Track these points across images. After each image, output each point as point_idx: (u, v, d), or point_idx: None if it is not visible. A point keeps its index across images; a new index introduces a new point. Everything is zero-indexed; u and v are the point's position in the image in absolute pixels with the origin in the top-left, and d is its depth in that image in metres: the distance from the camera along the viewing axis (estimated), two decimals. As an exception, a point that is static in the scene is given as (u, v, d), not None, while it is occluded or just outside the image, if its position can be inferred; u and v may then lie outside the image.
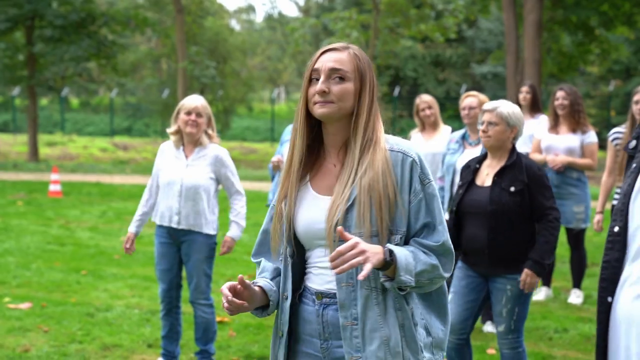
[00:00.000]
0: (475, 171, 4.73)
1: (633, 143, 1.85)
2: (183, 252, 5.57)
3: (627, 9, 24.35)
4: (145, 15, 25.50)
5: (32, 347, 6.11)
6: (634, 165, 1.81)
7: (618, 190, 6.25)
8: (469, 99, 6.58)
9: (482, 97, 6.63)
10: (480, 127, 4.68)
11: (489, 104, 4.69)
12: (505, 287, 4.59)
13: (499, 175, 4.59)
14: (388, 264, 2.42)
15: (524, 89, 8.36)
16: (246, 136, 38.89)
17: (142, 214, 5.67)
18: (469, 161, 4.84)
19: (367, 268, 2.33)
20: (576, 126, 7.34)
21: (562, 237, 8.35)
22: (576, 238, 7.52)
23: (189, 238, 5.52)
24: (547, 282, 7.70)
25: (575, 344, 6.27)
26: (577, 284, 7.63)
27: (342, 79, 2.55)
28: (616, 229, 1.82)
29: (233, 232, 5.60)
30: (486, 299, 4.82)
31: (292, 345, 2.68)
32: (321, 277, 2.60)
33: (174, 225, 5.50)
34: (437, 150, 7.43)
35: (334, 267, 2.35)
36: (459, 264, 4.78)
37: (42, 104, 44.13)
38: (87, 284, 8.30)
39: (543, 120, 7.87)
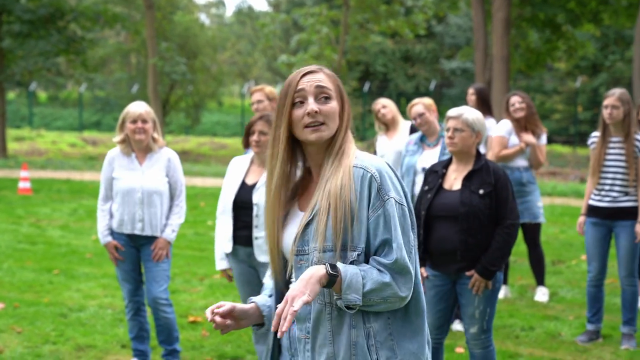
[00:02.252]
0: (442, 176, 4.85)
1: None
2: (143, 254, 5.65)
3: (593, 6, 24.68)
4: (115, 11, 25.37)
5: (6, 349, 6.15)
6: None
7: (594, 192, 6.41)
8: (416, 107, 6.71)
9: (427, 101, 6.76)
10: (446, 134, 4.81)
11: (453, 111, 4.82)
12: None
13: (468, 179, 4.72)
14: (333, 278, 2.41)
15: (470, 91, 8.51)
16: (216, 131, 38.84)
17: (109, 224, 5.71)
18: (434, 166, 4.97)
19: (298, 304, 2.33)
20: (534, 129, 7.53)
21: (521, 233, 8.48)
22: (534, 234, 7.67)
23: (148, 242, 5.63)
24: (504, 280, 7.85)
25: (541, 342, 6.42)
26: (540, 281, 7.79)
27: (327, 98, 2.58)
28: None
29: (167, 234, 5.64)
30: (455, 304, 4.96)
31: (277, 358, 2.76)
32: None
33: (137, 232, 5.58)
34: (400, 148, 7.56)
35: (275, 331, 2.37)
36: (428, 272, 4.90)
37: (10, 97, 43.70)
38: (60, 284, 8.32)
39: (492, 123, 7.99)
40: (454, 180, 4.80)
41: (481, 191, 4.66)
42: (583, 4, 24.65)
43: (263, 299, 2.73)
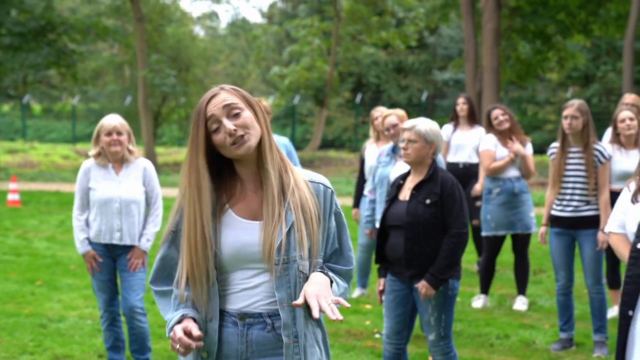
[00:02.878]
0: (400, 187, 4.95)
1: None
2: (120, 264, 5.71)
3: (583, 17, 24.81)
4: (105, 25, 25.47)
5: (-17, 359, 6.19)
6: None
7: (556, 202, 6.48)
8: (390, 118, 6.75)
9: (400, 112, 6.82)
10: (401, 145, 4.92)
11: (407, 123, 4.96)
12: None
13: (416, 189, 4.86)
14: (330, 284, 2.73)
15: (460, 100, 8.60)
16: (210, 143, 38.82)
17: (86, 234, 5.75)
18: (398, 177, 5.07)
19: (330, 300, 2.59)
20: (520, 139, 7.60)
21: (508, 243, 8.56)
22: (523, 245, 7.71)
23: (124, 251, 5.69)
24: (485, 290, 7.90)
25: (515, 350, 6.47)
26: (522, 291, 7.85)
27: (238, 112, 2.68)
28: (639, 245, 1.93)
29: (142, 244, 5.70)
30: (414, 310, 5.05)
31: None
32: (244, 298, 2.71)
33: (115, 242, 5.65)
34: None
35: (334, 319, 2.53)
36: (388, 277, 5.00)
37: (4, 110, 43.76)
38: (42, 295, 8.36)
39: (482, 132, 8.08)
40: (407, 190, 4.93)
41: (427, 201, 4.80)
42: (573, 15, 24.79)
43: (197, 315, 2.72)
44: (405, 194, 4.92)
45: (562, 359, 6.25)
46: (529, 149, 7.63)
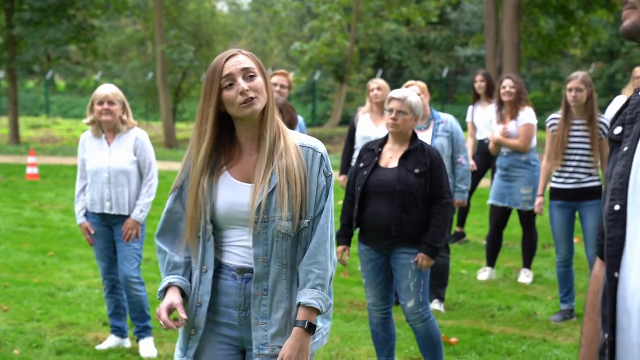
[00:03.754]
0: (379, 154, 4.97)
1: (619, 129, 2.00)
2: (116, 233, 5.78)
3: (606, -8, 24.53)
4: (125, -1, 25.53)
5: (-10, 325, 6.31)
6: (625, 148, 1.94)
7: (556, 174, 6.48)
8: (412, 89, 6.75)
9: (421, 84, 6.82)
10: (390, 115, 4.92)
11: (397, 93, 4.96)
12: (408, 262, 4.85)
13: (404, 158, 4.88)
14: (314, 328, 2.86)
15: (478, 77, 8.59)
16: (231, 118, 38.88)
17: (82, 204, 5.83)
18: (370, 144, 5.10)
19: None
20: (513, 115, 7.56)
21: (515, 217, 8.54)
22: (527, 220, 7.72)
23: (120, 221, 5.75)
24: (491, 263, 7.92)
25: (515, 321, 6.49)
26: (527, 264, 7.85)
27: (253, 76, 2.85)
28: (617, 207, 1.95)
29: (135, 214, 5.71)
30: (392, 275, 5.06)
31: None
32: (241, 254, 2.92)
33: (106, 211, 5.72)
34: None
35: None
36: (361, 247, 5.03)
37: (29, 86, 44.10)
38: (52, 265, 8.48)
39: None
40: (389, 158, 4.95)
41: (417, 170, 4.83)
42: (595, -10, 24.52)
43: (181, 281, 2.93)
44: (387, 162, 4.93)
45: (561, 330, 6.27)
46: (521, 119, 7.54)
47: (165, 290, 2.90)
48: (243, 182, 2.89)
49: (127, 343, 5.97)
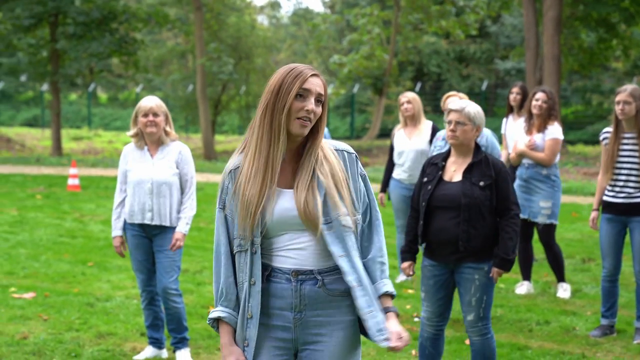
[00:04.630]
0: (442, 168, 4.94)
1: None
2: (155, 245, 5.81)
3: (648, 5, 24.24)
4: (166, 13, 25.83)
5: (30, 335, 6.38)
6: None
7: (609, 188, 6.40)
8: (452, 99, 6.75)
9: (463, 95, 6.80)
10: (449, 127, 4.90)
11: (456, 105, 4.91)
12: (473, 277, 4.82)
13: (468, 171, 4.83)
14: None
15: (515, 90, 8.53)
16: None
17: (120, 217, 5.90)
18: (433, 158, 5.05)
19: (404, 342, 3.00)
20: (542, 128, 7.49)
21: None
22: (547, 235, 7.60)
23: (160, 232, 5.78)
24: (527, 277, 7.84)
25: (554, 336, 6.42)
26: (560, 278, 7.73)
27: (320, 102, 3.01)
28: None
29: (180, 227, 5.76)
30: (454, 292, 5.03)
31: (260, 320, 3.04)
32: (295, 257, 3.01)
33: (147, 222, 5.75)
34: (419, 147, 7.62)
35: (395, 346, 2.97)
36: (425, 262, 5.00)
37: (71, 99, 44.73)
38: (92, 275, 8.57)
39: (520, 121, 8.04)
40: (453, 172, 4.90)
41: (482, 183, 4.78)
42: (638, 2, 24.23)
43: (233, 320, 3.06)
44: (451, 175, 4.89)
45: (601, 345, 6.18)
46: (549, 133, 7.47)
47: (216, 321, 3.06)
48: (286, 189, 3.00)
49: (165, 354, 6.01)
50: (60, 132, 25.89)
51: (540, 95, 7.48)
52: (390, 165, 8.01)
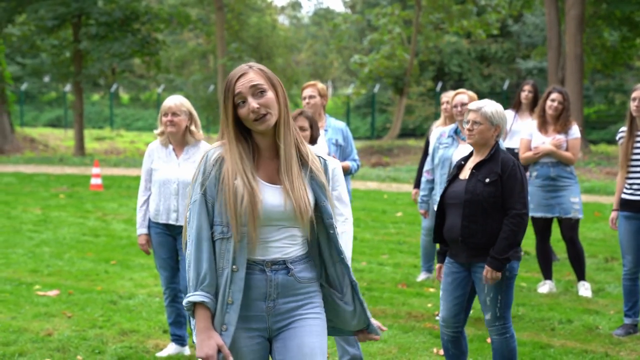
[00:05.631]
0: (461, 167, 4.96)
1: None
2: (179, 242, 5.82)
3: (672, 3, 24.05)
4: (188, 13, 25.95)
5: (55, 332, 6.44)
6: None
7: (626, 186, 6.38)
8: (460, 96, 6.74)
9: (472, 94, 6.78)
10: (466, 126, 4.90)
11: (474, 104, 4.92)
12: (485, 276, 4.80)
13: (477, 168, 4.85)
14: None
15: (527, 87, 8.50)
16: (291, 131, 39.09)
17: (145, 215, 5.93)
18: (462, 158, 5.07)
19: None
20: (562, 128, 7.47)
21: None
22: (571, 231, 7.57)
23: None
24: (548, 276, 7.81)
25: (576, 335, 6.39)
26: (581, 276, 7.69)
27: (262, 92, 3.05)
28: None
29: None
30: (473, 293, 5.02)
31: None
32: (270, 249, 3.11)
33: (171, 222, 5.78)
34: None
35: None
36: (446, 259, 4.99)
37: (94, 99, 45.02)
38: (115, 274, 8.64)
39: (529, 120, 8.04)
40: (468, 170, 4.91)
41: (487, 180, 4.77)
42: (662, 1, 24.06)
43: (213, 305, 3.08)
44: (465, 174, 4.91)
45: (625, 344, 6.15)
46: (572, 133, 7.47)
47: (194, 305, 3.06)
48: (271, 184, 3.09)
49: (187, 351, 6.04)
50: (83, 132, 26.07)
51: (555, 95, 7.46)
52: (423, 162, 7.99)
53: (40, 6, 23.94)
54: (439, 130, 7.72)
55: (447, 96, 7.80)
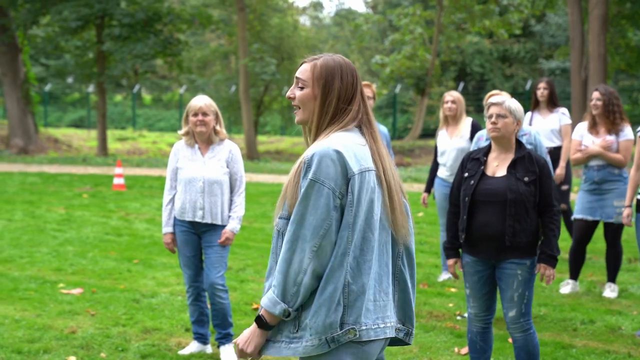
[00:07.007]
0: (484, 163, 4.94)
1: None
2: (204, 241, 5.88)
3: (697, 2, 23.87)
4: (209, 14, 26.06)
5: (79, 329, 6.51)
6: None
7: None
8: (497, 98, 6.73)
9: (506, 94, 6.77)
10: (490, 120, 4.90)
11: (496, 99, 4.93)
12: (515, 272, 4.81)
13: (512, 167, 4.83)
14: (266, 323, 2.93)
15: (542, 85, 8.49)
16: (312, 132, 39.12)
17: (170, 214, 5.98)
18: (473, 153, 5.05)
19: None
20: (612, 127, 7.39)
21: (599, 231, 8.40)
22: (614, 234, 7.54)
23: (210, 229, 5.85)
24: (574, 276, 7.78)
25: (599, 335, 6.37)
26: (612, 278, 7.68)
27: (302, 87, 2.96)
28: None
29: (232, 225, 5.84)
30: (496, 286, 5.03)
31: None
32: None
33: (197, 220, 5.82)
34: (460, 145, 7.62)
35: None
36: (467, 259, 4.99)
37: (116, 100, 45.31)
38: (137, 272, 8.70)
39: (563, 111, 8.00)
40: (496, 167, 4.89)
41: (526, 178, 4.79)
42: (686, 0, 23.88)
43: None
44: (494, 170, 4.89)
45: (647, 345, 6.12)
46: (624, 134, 7.38)
47: None
48: None
49: (209, 349, 6.08)
50: (106, 133, 26.25)
51: (594, 94, 7.42)
52: (435, 165, 8.03)
53: (64, 7, 24.13)
54: (442, 134, 7.78)
55: (451, 95, 7.83)
